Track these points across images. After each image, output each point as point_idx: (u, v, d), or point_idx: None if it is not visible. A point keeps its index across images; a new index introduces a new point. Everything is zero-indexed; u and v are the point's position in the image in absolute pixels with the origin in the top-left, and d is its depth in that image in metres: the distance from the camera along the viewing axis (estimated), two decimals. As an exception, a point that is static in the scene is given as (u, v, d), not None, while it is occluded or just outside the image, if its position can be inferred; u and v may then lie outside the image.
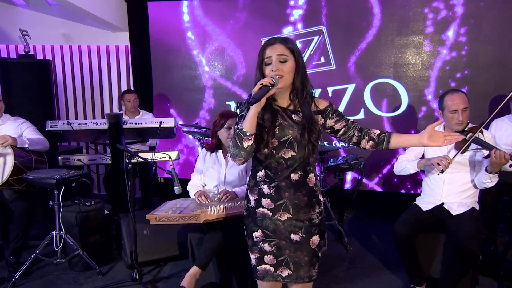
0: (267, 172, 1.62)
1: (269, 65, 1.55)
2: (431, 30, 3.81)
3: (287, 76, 1.55)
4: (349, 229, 3.81)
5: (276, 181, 1.61)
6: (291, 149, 1.58)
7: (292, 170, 1.59)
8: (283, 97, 1.62)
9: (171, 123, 3.56)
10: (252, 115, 1.48)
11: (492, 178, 2.28)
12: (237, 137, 1.51)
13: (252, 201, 1.68)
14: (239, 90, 4.45)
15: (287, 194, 1.60)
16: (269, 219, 1.64)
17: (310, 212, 1.63)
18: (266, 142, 1.57)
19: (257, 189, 1.65)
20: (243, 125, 1.50)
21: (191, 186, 2.67)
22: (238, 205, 2.31)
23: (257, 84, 1.46)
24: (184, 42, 4.50)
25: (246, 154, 1.53)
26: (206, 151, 2.69)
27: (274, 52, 1.54)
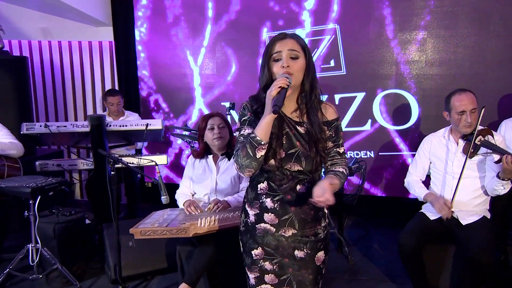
0: (270, 184, 1.53)
1: (278, 62, 1.46)
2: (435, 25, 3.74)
3: (297, 75, 1.46)
4: (349, 237, 3.74)
5: (280, 194, 1.52)
6: (298, 163, 1.50)
7: (298, 182, 1.52)
8: (291, 99, 1.53)
9: (159, 125, 3.46)
10: (269, 122, 1.39)
11: (504, 185, 2.22)
12: (250, 146, 1.41)
13: (252, 215, 1.59)
14: (231, 89, 4.36)
15: (293, 208, 1.52)
16: (272, 236, 1.55)
17: (316, 227, 1.56)
18: (274, 151, 1.48)
19: (258, 203, 1.56)
20: (256, 132, 1.40)
21: (179, 195, 2.58)
22: (231, 216, 2.22)
23: (273, 88, 1.36)
24: (172, 38, 4.40)
25: (257, 165, 1.44)
26: (194, 158, 2.60)
27: (284, 47, 1.45)
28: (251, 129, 1.47)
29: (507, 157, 2.12)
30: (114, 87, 4.76)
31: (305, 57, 1.48)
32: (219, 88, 4.40)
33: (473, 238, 2.24)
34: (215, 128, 2.46)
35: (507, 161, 2.11)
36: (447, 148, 2.50)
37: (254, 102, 1.55)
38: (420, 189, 2.58)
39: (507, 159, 2.11)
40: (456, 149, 2.45)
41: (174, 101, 4.54)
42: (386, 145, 4.04)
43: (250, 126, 1.50)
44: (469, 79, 3.71)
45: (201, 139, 2.55)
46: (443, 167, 2.50)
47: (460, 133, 2.42)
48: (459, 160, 2.43)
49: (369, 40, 3.91)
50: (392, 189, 4.14)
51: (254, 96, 1.58)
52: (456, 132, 2.47)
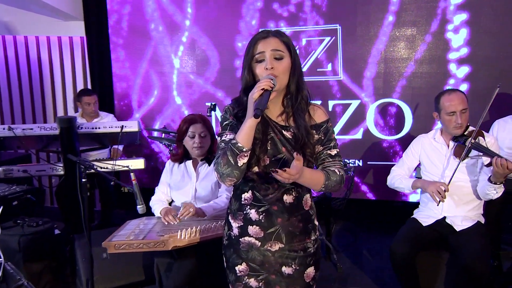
0: (255, 194, 1.46)
1: (261, 63, 1.39)
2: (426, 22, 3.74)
3: (282, 77, 1.39)
4: (338, 244, 3.71)
5: (266, 205, 1.46)
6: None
7: (284, 191, 1.45)
8: (276, 102, 1.46)
9: (135, 127, 3.35)
10: (251, 126, 1.32)
11: (497, 189, 2.20)
12: (230, 153, 1.34)
13: (235, 228, 1.52)
14: (212, 88, 4.29)
15: (279, 220, 1.46)
16: (257, 250, 1.48)
17: (305, 240, 1.50)
18: (257, 158, 1.41)
19: (242, 214, 1.49)
20: (238, 138, 1.33)
21: (154, 202, 2.49)
22: (213, 226, 2.15)
23: (255, 90, 1.29)
24: (149, 34, 4.30)
25: (240, 174, 1.37)
26: (173, 162, 2.51)
27: (267, 47, 1.39)
28: (233, 134, 1.41)
29: (497, 159, 2.10)
30: (86, 86, 4.64)
31: (290, 56, 1.42)
32: (199, 87, 4.32)
33: (468, 245, 2.22)
34: (196, 137, 2.37)
35: (497, 164, 2.09)
36: (438, 150, 2.47)
37: (236, 105, 1.48)
38: (406, 180, 2.53)
39: (497, 162, 2.09)
40: (447, 152, 2.43)
41: (152, 101, 4.44)
42: (376, 154, 4.03)
43: (232, 131, 1.43)
44: (460, 77, 3.73)
45: (180, 143, 2.46)
46: (434, 170, 2.48)
47: (450, 134, 2.40)
48: (450, 163, 2.41)
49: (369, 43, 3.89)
50: (380, 192, 4.13)
51: (237, 99, 1.51)
52: (446, 133, 2.45)
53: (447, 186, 2.27)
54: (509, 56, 3.61)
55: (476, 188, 2.36)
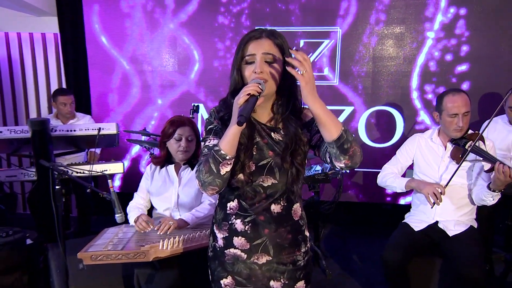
0: (241, 203, 1.41)
1: (250, 65, 1.34)
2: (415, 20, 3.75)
3: (272, 82, 1.34)
4: (326, 249, 3.69)
5: (252, 215, 1.41)
6: (271, 175, 1.39)
7: (273, 201, 1.40)
8: (264, 107, 1.41)
9: (113, 129, 3.25)
10: (234, 134, 1.27)
11: (494, 197, 2.20)
12: (213, 160, 1.29)
13: (220, 239, 1.47)
14: (194, 88, 4.22)
15: (266, 231, 1.41)
16: (243, 263, 1.43)
17: (295, 253, 1.45)
18: (242, 164, 1.36)
19: (227, 225, 1.44)
20: (221, 145, 1.28)
21: (131, 208, 2.41)
22: (197, 236, 2.09)
23: (241, 94, 1.23)
24: (127, 30, 4.20)
25: (222, 183, 1.32)
26: (154, 165, 2.43)
27: (259, 49, 1.33)
28: (218, 139, 1.36)
29: (500, 165, 2.08)
30: (61, 85, 4.53)
31: (283, 60, 1.36)
32: (181, 87, 4.24)
33: (462, 250, 2.21)
34: (183, 140, 2.31)
35: (499, 171, 2.07)
36: (434, 151, 2.46)
37: (222, 108, 1.43)
38: (399, 178, 2.49)
39: (499, 169, 2.07)
40: (444, 153, 2.42)
41: (131, 101, 4.34)
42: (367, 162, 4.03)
43: (216, 136, 1.39)
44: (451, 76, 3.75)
45: (163, 146, 2.38)
46: (429, 171, 2.46)
47: (449, 136, 2.39)
48: (446, 165, 2.40)
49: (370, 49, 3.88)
50: (369, 195, 4.13)
51: (224, 100, 1.45)
52: (444, 134, 2.44)
53: (443, 188, 2.25)
54: (500, 54, 3.65)
55: (471, 193, 2.36)
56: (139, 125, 4.32)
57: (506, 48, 3.62)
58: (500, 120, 3.11)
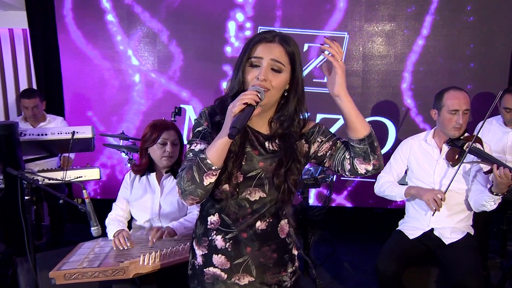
0: (223, 218, 1.35)
1: (255, 68, 1.27)
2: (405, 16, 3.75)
3: (274, 92, 1.28)
4: (316, 257, 3.67)
5: (234, 231, 1.35)
6: (260, 188, 1.33)
7: (258, 217, 1.34)
8: (263, 117, 1.34)
9: (88, 132, 3.17)
10: (224, 145, 1.20)
11: (496, 201, 2.18)
12: (197, 169, 1.22)
13: (199, 256, 1.41)
14: (176, 88, 4.15)
15: (249, 250, 1.35)
16: (223, 283, 1.38)
17: (281, 273, 1.40)
18: (229, 174, 1.29)
19: (207, 241, 1.38)
20: (208, 154, 1.21)
21: (110, 221, 2.33)
22: (181, 249, 2.02)
23: (237, 103, 1.16)
24: (104, 27, 4.11)
25: (204, 193, 1.25)
26: (134, 174, 2.35)
27: (268, 54, 1.26)
28: (205, 144, 1.29)
29: (500, 168, 2.07)
30: (31, 85, 4.42)
31: (292, 70, 1.30)
32: (161, 86, 4.18)
33: (459, 259, 2.20)
34: (168, 145, 2.23)
35: (500, 174, 2.05)
36: (429, 154, 2.44)
37: (217, 109, 1.34)
38: (397, 187, 2.48)
39: (499, 171, 2.06)
40: (439, 156, 2.40)
41: (108, 102, 4.26)
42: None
43: (204, 141, 1.31)
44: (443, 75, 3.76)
45: (145, 152, 2.30)
46: (423, 176, 2.44)
47: (446, 136, 2.37)
48: (442, 168, 2.39)
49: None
50: (359, 200, 4.12)
51: (221, 100, 1.37)
52: (440, 135, 2.42)
53: (443, 194, 2.23)
54: (494, 53, 3.67)
55: (468, 198, 2.35)
56: (116, 128, 4.22)
57: (499, 47, 3.64)
58: (495, 121, 3.13)
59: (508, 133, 3.06)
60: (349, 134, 1.29)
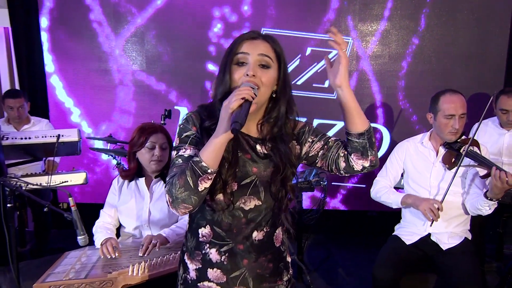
0: (215, 230, 1.31)
1: (241, 66, 1.25)
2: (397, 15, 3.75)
3: (264, 90, 1.25)
4: (310, 262, 3.65)
5: (230, 243, 1.31)
6: (255, 196, 1.30)
7: (255, 227, 1.31)
8: (249, 122, 1.30)
9: (74, 136, 3.11)
10: (222, 143, 1.17)
11: (491, 206, 2.18)
12: (191, 173, 1.16)
13: (192, 271, 1.37)
14: (165, 89, 4.12)
15: (246, 262, 1.33)
16: None
17: (277, 283, 1.39)
18: (224, 182, 1.25)
19: (200, 254, 1.35)
20: (203, 156, 1.17)
21: (98, 228, 2.29)
22: (171, 258, 1.99)
23: (233, 98, 1.14)
24: (89, 25, 4.06)
25: (198, 200, 1.20)
26: (122, 180, 2.31)
27: (254, 50, 1.25)
28: (195, 150, 1.25)
29: (497, 171, 2.06)
30: (14, 85, 4.36)
31: (279, 68, 1.29)
32: (150, 88, 4.14)
33: (457, 265, 2.20)
34: (156, 149, 2.20)
35: (496, 177, 2.05)
36: (425, 157, 2.44)
37: (205, 114, 1.31)
38: (393, 194, 2.48)
39: (496, 174, 2.05)
40: (435, 159, 2.39)
41: (94, 103, 4.21)
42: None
43: (193, 146, 1.27)
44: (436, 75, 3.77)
45: (133, 157, 2.27)
46: (419, 179, 2.44)
47: (442, 140, 2.36)
48: (438, 171, 2.38)
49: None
50: (354, 203, 4.11)
51: (206, 107, 1.34)
52: (436, 138, 2.42)
53: (440, 204, 2.22)
54: (488, 53, 3.69)
55: (465, 201, 2.34)
56: (102, 130, 4.18)
57: (495, 47, 3.66)
58: (491, 122, 3.14)
59: (504, 134, 3.07)
60: (348, 128, 1.28)
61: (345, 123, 1.29)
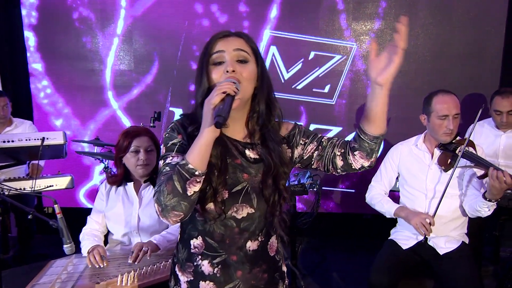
0: (207, 241, 1.28)
1: (219, 65, 1.23)
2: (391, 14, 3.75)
3: (246, 85, 1.22)
4: (303, 266, 3.64)
5: (223, 254, 1.28)
6: (248, 203, 1.27)
7: (249, 236, 1.29)
8: (237, 120, 1.29)
9: (60, 138, 3.04)
10: (208, 141, 1.13)
11: (490, 207, 2.18)
12: (178, 178, 1.13)
13: (184, 283, 1.34)
14: (154, 89, 4.10)
15: (239, 274, 1.30)
16: None
17: None
18: (214, 190, 1.22)
19: (192, 266, 1.31)
20: (189, 158, 1.13)
21: (85, 236, 2.25)
22: (162, 266, 1.96)
23: (214, 93, 1.12)
24: (74, 23, 4.02)
25: (189, 206, 1.15)
26: (110, 185, 2.28)
27: (229, 46, 1.24)
28: (182, 156, 1.21)
29: (494, 171, 2.06)
30: (-4, 86, 4.25)
31: (257, 63, 1.27)
32: (138, 87, 4.11)
33: (455, 271, 2.20)
34: (141, 153, 2.17)
35: (493, 177, 2.04)
36: (420, 159, 2.43)
37: (186, 123, 1.29)
38: (387, 203, 2.48)
39: (493, 174, 2.04)
40: (431, 161, 2.39)
41: (80, 104, 4.17)
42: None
43: (180, 153, 1.23)
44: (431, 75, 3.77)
45: (120, 162, 2.24)
46: (415, 183, 2.44)
47: (437, 141, 2.36)
48: (434, 173, 2.38)
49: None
50: (348, 205, 4.11)
51: (188, 115, 1.32)
52: (431, 140, 2.42)
53: (432, 218, 2.24)
54: (483, 52, 3.70)
55: (463, 204, 2.34)
56: (89, 133, 4.14)
57: (490, 48, 3.67)
58: (486, 124, 3.15)
59: (500, 136, 3.08)
60: (365, 128, 1.26)
61: (363, 121, 1.27)
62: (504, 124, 3.01)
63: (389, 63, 1.17)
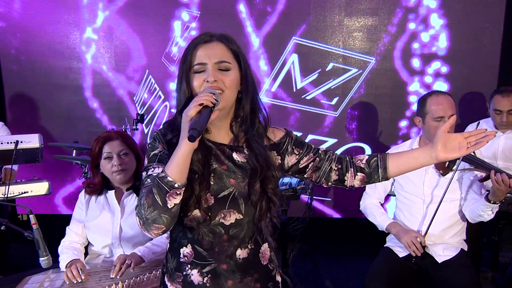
0: (197, 249, 1.31)
1: (201, 74, 1.27)
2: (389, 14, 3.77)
3: (229, 93, 1.27)
4: (295, 275, 3.64)
5: (212, 263, 1.31)
6: (235, 209, 1.30)
7: (238, 244, 1.31)
8: (221, 126, 1.34)
9: (35, 142, 3.04)
10: (185, 154, 1.17)
11: (493, 209, 2.19)
12: (157, 190, 1.17)
13: None
14: (136, 89, 4.08)
15: (230, 283, 1.33)
16: None
17: None
18: (197, 198, 1.26)
19: (181, 276, 1.34)
20: (167, 170, 1.18)
21: (64, 249, 2.22)
22: (146, 278, 1.94)
23: (192, 105, 1.16)
24: (51, 18, 3.99)
25: (170, 219, 1.20)
26: (88, 195, 2.26)
27: (210, 58, 1.27)
28: (163, 167, 1.23)
29: (498, 175, 2.06)
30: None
31: (240, 68, 1.31)
32: (119, 87, 4.11)
33: (454, 280, 2.21)
34: (114, 158, 2.15)
35: (497, 181, 2.05)
36: None
37: (168, 131, 1.33)
38: (381, 216, 2.51)
39: (498, 179, 2.05)
40: (429, 169, 2.39)
41: (57, 105, 4.15)
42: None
43: (161, 164, 1.26)
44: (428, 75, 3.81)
45: (96, 170, 2.23)
46: (412, 189, 2.44)
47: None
48: (431, 178, 2.39)
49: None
50: (340, 209, 4.12)
51: (170, 122, 1.36)
52: (427, 143, 2.40)
53: (423, 238, 2.27)
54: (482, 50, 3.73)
55: (463, 209, 2.36)
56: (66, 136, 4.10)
57: (488, 46, 3.71)
58: (485, 124, 3.17)
59: (499, 137, 3.10)
60: (389, 168, 1.39)
61: (392, 161, 1.39)
62: (503, 124, 3.02)
63: (460, 148, 1.33)
